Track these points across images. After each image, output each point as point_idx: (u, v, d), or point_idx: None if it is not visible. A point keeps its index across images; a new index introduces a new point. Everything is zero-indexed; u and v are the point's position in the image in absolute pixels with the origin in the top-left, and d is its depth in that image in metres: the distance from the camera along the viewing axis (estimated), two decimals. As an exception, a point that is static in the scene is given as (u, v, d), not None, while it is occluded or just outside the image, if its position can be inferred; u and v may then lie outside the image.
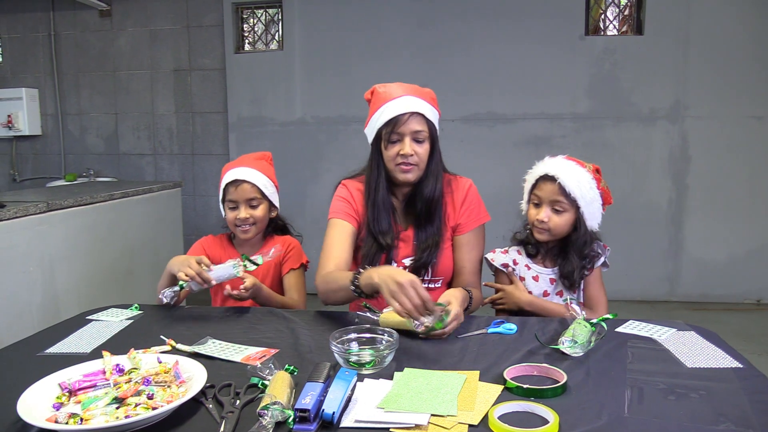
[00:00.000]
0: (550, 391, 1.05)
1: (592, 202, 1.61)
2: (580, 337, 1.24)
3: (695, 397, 1.04)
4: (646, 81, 4.07)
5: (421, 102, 1.62)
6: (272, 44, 4.64)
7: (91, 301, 2.64)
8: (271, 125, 4.54)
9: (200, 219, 4.71)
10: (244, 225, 1.82)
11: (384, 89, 1.65)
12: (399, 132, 1.60)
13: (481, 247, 1.75)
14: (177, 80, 4.69)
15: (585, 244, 1.64)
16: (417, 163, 1.62)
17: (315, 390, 0.99)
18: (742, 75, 3.98)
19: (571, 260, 1.64)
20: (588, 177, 1.60)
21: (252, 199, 1.81)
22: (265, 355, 1.27)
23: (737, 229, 4.12)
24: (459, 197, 1.74)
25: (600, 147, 4.12)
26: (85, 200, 2.82)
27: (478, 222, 1.73)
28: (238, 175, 1.82)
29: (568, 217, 1.61)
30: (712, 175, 4.09)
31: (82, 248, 2.80)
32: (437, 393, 1.06)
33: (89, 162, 4.89)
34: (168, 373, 1.12)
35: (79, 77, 4.83)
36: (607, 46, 4.10)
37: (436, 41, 4.23)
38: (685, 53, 4.01)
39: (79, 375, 1.12)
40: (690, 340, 1.34)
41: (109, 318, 1.58)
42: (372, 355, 1.18)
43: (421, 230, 1.69)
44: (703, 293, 4.19)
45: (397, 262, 1.69)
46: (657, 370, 1.17)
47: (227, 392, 1.09)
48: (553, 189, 1.60)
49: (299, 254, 1.87)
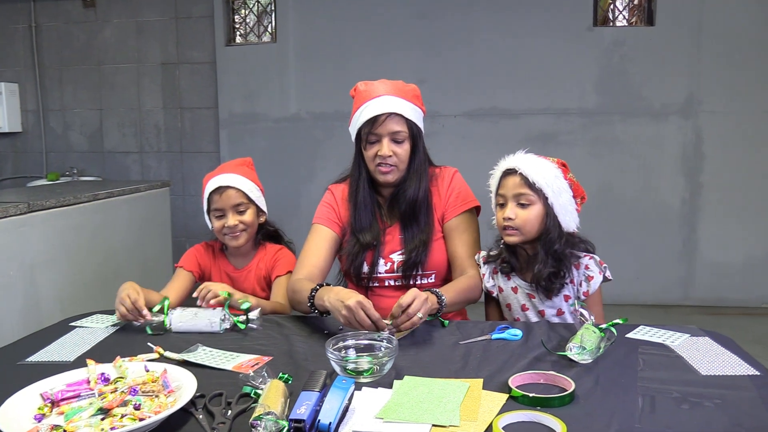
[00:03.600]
0: (557, 400, 1.05)
1: (561, 193, 1.56)
2: (589, 344, 1.24)
3: (710, 406, 1.04)
4: (657, 74, 4.07)
5: (401, 102, 1.65)
6: (265, 36, 4.64)
7: (75, 307, 2.64)
8: (264, 121, 4.54)
9: (190, 220, 4.70)
10: (234, 232, 1.83)
11: (365, 87, 1.70)
12: (377, 133, 1.65)
13: (472, 230, 1.76)
14: (165, 74, 4.68)
15: (554, 241, 1.55)
16: (396, 164, 1.67)
17: (310, 399, 0.99)
18: (759, 67, 3.98)
19: (540, 261, 1.56)
20: (552, 167, 1.57)
21: (239, 205, 1.83)
22: (258, 363, 1.27)
23: (754, 229, 4.12)
24: (444, 186, 1.78)
25: (609, 144, 4.12)
26: (68, 201, 2.82)
27: (465, 206, 1.76)
28: (222, 182, 1.83)
29: (536, 210, 1.55)
30: (728, 172, 4.09)
31: (65, 251, 2.80)
32: (439, 402, 1.06)
33: (72, 160, 4.88)
34: (156, 383, 1.12)
35: (61, 71, 4.82)
36: (617, 38, 4.10)
37: (436, 32, 4.23)
38: (699, 45, 4.01)
39: (62, 384, 1.12)
40: (704, 346, 1.34)
41: (93, 324, 1.58)
42: (370, 362, 1.19)
43: (407, 230, 1.73)
44: (719, 297, 4.19)
45: (385, 258, 1.73)
46: (670, 377, 1.17)
47: (218, 402, 1.09)
48: (515, 182, 1.56)
49: (287, 263, 1.88)
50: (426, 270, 1.73)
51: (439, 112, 4.21)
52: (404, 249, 1.72)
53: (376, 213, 1.77)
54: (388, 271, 1.74)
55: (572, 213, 1.59)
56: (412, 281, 1.73)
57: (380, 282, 1.75)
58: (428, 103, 1.83)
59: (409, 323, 1.35)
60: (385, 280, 1.74)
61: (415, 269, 1.71)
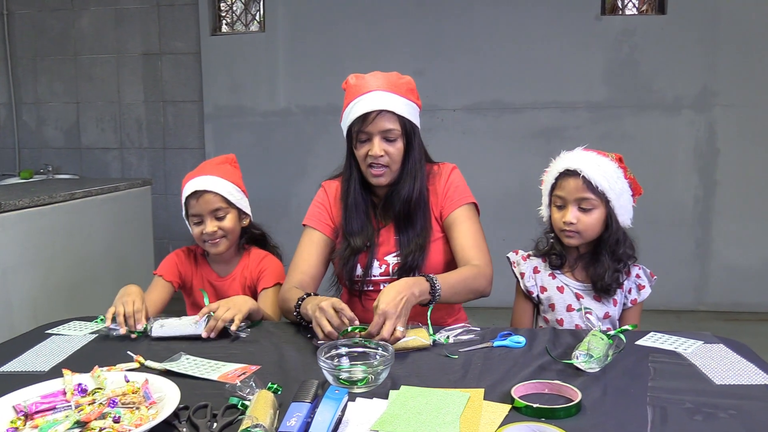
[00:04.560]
0: (562, 411, 1.06)
1: (622, 194, 1.60)
2: (596, 351, 1.25)
3: (725, 417, 1.05)
4: (669, 66, 4.08)
5: (393, 97, 1.65)
6: (253, 25, 4.64)
7: (50, 313, 2.63)
8: (252, 115, 4.54)
9: (173, 221, 4.69)
10: (213, 238, 1.82)
11: (355, 81, 1.70)
12: (367, 131, 1.65)
13: (474, 221, 1.76)
14: (146, 65, 4.67)
15: (618, 243, 1.62)
16: (388, 164, 1.67)
17: (301, 411, 0.99)
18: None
19: (602, 262, 1.63)
20: (613, 166, 1.60)
21: (217, 210, 1.81)
22: (245, 372, 1.27)
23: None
24: (441, 183, 1.78)
25: (618, 139, 4.13)
26: (42, 200, 2.81)
27: (464, 200, 1.76)
28: (198, 186, 1.82)
29: (599, 214, 1.60)
30: (744, 169, 4.10)
31: (38, 254, 2.79)
32: (437, 413, 1.06)
33: (47, 157, 4.86)
34: (136, 394, 1.12)
35: (35, 62, 4.80)
36: (626, 27, 4.11)
37: (435, 21, 4.23)
38: (714, 34, 4.02)
39: (36, 396, 1.12)
40: (719, 353, 1.35)
41: (70, 332, 1.58)
42: (365, 371, 1.19)
43: (403, 232, 1.73)
44: (734, 302, 4.21)
45: (379, 260, 1.74)
46: (682, 387, 1.17)
47: (203, 414, 1.08)
48: (578, 185, 1.59)
49: (274, 273, 1.87)
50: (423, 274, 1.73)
51: (437, 105, 4.21)
52: (400, 252, 1.72)
53: (370, 213, 1.77)
54: (382, 274, 1.74)
55: (630, 210, 1.64)
56: None
57: (374, 285, 1.75)
58: (426, 97, 1.83)
59: (390, 338, 1.34)
60: (380, 283, 1.74)
61: (412, 273, 1.71)
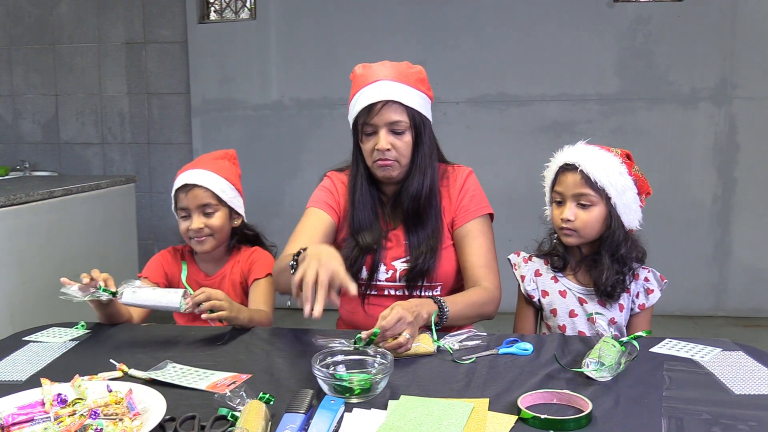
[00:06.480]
0: (572, 423, 1.06)
1: (625, 191, 1.60)
2: (608, 359, 1.25)
3: (744, 429, 1.05)
4: (686, 56, 4.08)
5: (401, 87, 1.64)
6: (243, 12, 4.64)
7: (28, 319, 2.63)
8: (243, 109, 4.53)
9: (158, 220, 4.69)
10: (199, 236, 1.82)
11: (362, 71, 1.70)
12: (373, 123, 1.65)
13: (487, 236, 1.75)
14: (129, 55, 4.67)
15: (619, 244, 1.62)
16: (396, 158, 1.66)
17: (295, 422, 0.99)
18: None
19: (602, 263, 1.62)
20: (616, 161, 1.60)
21: (205, 206, 1.82)
22: (236, 382, 1.27)
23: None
24: (455, 188, 1.77)
25: (632, 134, 4.13)
26: (19, 198, 2.81)
27: (479, 211, 1.75)
28: (189, 179, 1.82)
29: (598, 212, 1.60)
30: (766, 166, 4.11)
31: (15, 256, 2.79)
32: (439, 425, 1.06)
33: (24, 153, 4.86)
34: (120, 404, 1.12)
35: (11, 51, 4.80)
36: (640, 15, 4.11)
37: (437, 10, 4.22)
38: (733, 22, 4.03)
39: (12, 407, 1.12)
40: (738, 361, 1.35)
41: (49, 339, 1.58)
42: (362, 380, 1.19)
43: (413, 233, 1.72)
44: (755, 307, 4.21)
45: (386, 265, 1.72)
46: (699, 397, 1.17)
47: (190, 426, 1.08)
48: (576, 180, 1.60)
49: (265, 264, 1.88)
50: (432, 281, 1.72)
51: (440, 98, 4.17)
52: (410, 255, 1.71)
53: (378, 212, 1.76)
54: (389, 279, 1.73)
55: (636, 211, 1.64)
56: (415, 292, 1.72)
57: (379, 290, 1.74)
58: (427, 89, 1.83)
59: (401, 348, 1.34)
60: (385, 289, 1.74)
61: (420, 279, 1.70)
